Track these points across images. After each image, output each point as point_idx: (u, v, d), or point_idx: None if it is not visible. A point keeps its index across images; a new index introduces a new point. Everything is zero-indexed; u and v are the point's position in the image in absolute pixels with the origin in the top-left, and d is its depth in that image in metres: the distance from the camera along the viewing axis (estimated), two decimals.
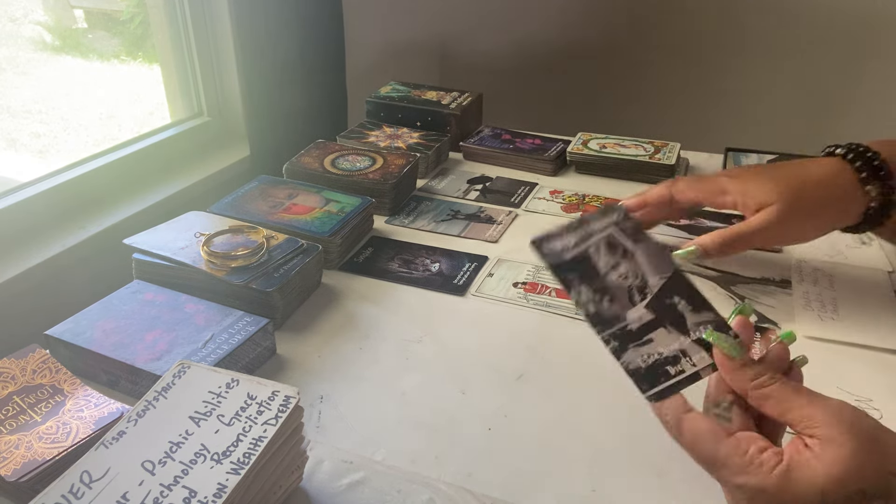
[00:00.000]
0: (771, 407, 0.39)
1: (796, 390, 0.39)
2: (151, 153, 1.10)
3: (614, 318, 0.44)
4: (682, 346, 0.42)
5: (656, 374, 0.42)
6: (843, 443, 0.35)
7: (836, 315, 0.70)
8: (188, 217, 0.80)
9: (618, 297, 0.44)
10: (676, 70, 1.52)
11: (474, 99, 1.18)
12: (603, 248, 0.47)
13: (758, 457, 0.37)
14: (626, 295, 0.45)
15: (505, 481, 0.53)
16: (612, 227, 0.49)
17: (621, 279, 0.45)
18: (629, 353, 0.42)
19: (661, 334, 0.43)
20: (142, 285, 0.70)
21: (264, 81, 1.17)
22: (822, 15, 1.37)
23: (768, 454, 0.37)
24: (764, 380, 0.40)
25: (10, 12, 1.99)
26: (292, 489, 0.51)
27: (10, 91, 1.85)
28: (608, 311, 0.44)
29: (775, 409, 0.39)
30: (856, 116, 1.41)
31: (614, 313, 0.44)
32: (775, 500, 0.36)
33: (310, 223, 0.81)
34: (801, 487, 0.35)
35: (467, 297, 0.76)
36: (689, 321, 0.43)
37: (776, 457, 0.37)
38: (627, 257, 0.47)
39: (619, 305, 0.44)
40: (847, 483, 0.35)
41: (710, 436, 0.39)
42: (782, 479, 0.36)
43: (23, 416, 0.52)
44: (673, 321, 0.43)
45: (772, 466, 0.36)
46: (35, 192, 0.93)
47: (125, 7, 1.93)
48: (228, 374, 0.49)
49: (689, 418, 0.41)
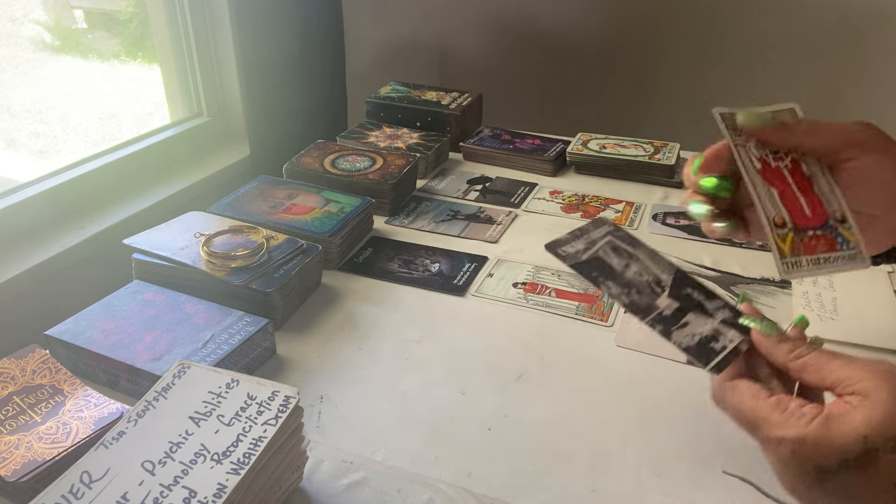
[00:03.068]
0: (810, 374, 0.41)
1: (832, 355, 0.41)
2: (151, 153, 1.10)
3: (649, 307, 0.46)
4: (714, 327, 0.45)
5: (707, 350, 0.44)
6: (882, 390, 0.37)
7: (836, 315, 0.70)
8: (188, 217, 0.80)
9: (642, 289, 0.47)
10: (676, 70, 1.52)
11: (474, 99, 1.18)
12: (610, 251, 0.50)
13: (798, 410, 0.39)
14: (648, 288, 0.47)
15: (505, 481, 0.53)
16: (608, 235, 0.52)
17: (637, 275, 0.48)
18: (675, 334, 0.45)
19: (692, 318, 0.46)
20: (141, 285, 0.70)
21: (264, 81, 1.17)
22: (824, 15, 1.37)
23: (808, 408, 0.39)
24: (800, 350, 0.42)
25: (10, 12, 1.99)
26: (292, 489, 0.51)
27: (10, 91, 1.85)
28: (641, 300, 0.46)
29: (814, 375, 0.41)
30: (858, 117, 1.41)
31: (647, 302, 0.46)
32: (817, 449, 0.37)
33: (310, 223, 0.81)
34: (842, 433, 0.36)
35: (467, 297, 0.76)
36: (709, 306, 0.47)
37: (815, 409, 0.38)
38: (634, 259, 0.50)
39: (647, 296, 0.47)
40: (889, 426, 0.36)
41: (752, 396, 0.41)
42: (822, 427, 0.37)
43: (23, 417, 0.52)
44: (696, 307, 0.46)
45: (811, 417, 0.38)
46: (35, 192, 0.93)
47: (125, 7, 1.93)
48: (228, 374, 0.49)
49: (735, 383, 0.43)
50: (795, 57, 1.42)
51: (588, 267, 0.49)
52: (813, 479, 0.37)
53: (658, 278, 0.48)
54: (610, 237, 0.52)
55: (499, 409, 0.60)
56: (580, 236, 0.52)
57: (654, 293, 0.47)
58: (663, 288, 0.48)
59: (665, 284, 0.48)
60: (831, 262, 0.46)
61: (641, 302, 0.46)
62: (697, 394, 0.62)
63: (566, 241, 0.51)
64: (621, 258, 0.50)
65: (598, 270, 0.48)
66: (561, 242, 0.51)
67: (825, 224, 0.47)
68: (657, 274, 0.49)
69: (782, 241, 0.46)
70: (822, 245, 0.47)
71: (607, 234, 0.52)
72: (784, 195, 0.48)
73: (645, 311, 0.46)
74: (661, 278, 0.48)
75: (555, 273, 0.80)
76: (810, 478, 0.37)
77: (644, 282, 0.48)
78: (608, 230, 0.52)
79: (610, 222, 0.53)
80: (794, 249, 0.46)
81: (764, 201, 0.48)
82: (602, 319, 0.72)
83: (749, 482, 0.52)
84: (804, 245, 0.47)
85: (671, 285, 0.48)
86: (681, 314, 0.46)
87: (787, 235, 0.47)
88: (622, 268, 0.49)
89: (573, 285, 0.77)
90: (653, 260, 0.50)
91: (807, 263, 0.46)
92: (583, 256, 0.50)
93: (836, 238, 0.47)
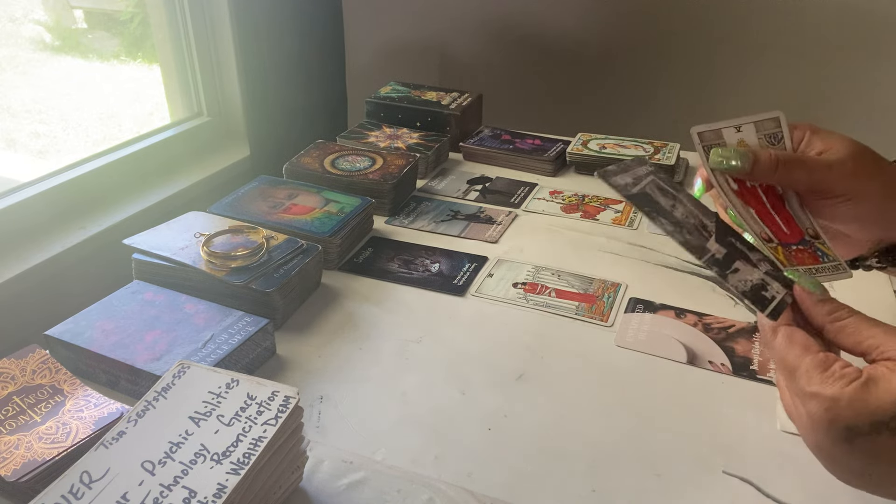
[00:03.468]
0: (846, 337, 0.41)
1: (871, 321, 0.41)
2: (151, 153, 1.10)
3: (703, 248, 0.45)
4: (762, 276, 0.44)
5: (761, 297, 0.44)
6: None
7: None
8: (188, 217, 0.80)
9: (692, 231, 0.46)
10: (676, 70, 1.52)
11: (474, 99, 1.18)
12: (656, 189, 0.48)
13: (839, 370, 0.38)
14: (696, 230, 0.46)
15: (505, 481, 0.53)
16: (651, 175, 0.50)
17: (685, 217, 0.47)
18: (730, 277, 0.44)
19: (741, 265, 0.45)
20: (141, 285, 0.70)
21: (264, 81, 1.17)
22: (824, 15, 1.37)
23: (851, 369, 0.38)
24: (840, 313, 0.42)
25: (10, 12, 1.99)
26: (292, 489, 0.51)
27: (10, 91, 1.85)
28: (694, 240, 0.45)
29: (851, 338, 0.41)
30: (858, 117, 1.41)
31: (699, 243, 0.45)
32: (851, 408, 0.37)
33: (310, 223, 0.81)
34: (879, 396, 0.36)
35: (467, 297, 0.76)
36: (752, 257, 0.45)
37: (856, 371, 0.38)
38: (679, 201, 0.48)
39: (698, 238, 0.45)
40: None
41: (800, 346, 0.41)
42: (859, 389, 0.37)
43: (22, 417, 0.52)
44: (741, 255, 0.45)
45: (852, 379, 0.38)
46: (35, 192, 0.93)
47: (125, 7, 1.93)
48: (228, 374, 0.49)
49: (791, 329, 0.42)
50: (795, 57, 1.42)
51: (641, 200, 0.47)
52: (841, 438, 0.37)
53: (703, 223, 0.47)
54: (653, 177, 0.50)
55: (499, 409, 0.60)
56: (627, 170, 0.50)
57: (702, 236, 0.46)
58: (710, 233, 0.46)
59: (710, 230, 0.46)
60: (819, 273, 0.46)
61: (694, 242, 0.45)
62: (697, 394, 0.62)
63: (615, 173, 0.49)
64: (667, 198, 0.48)
65: (649, 206, 0.47)
66: (611, 173, 0.48)
67: (802, 241, 0.47)
68: (702, 218, 0.47)
69: (776, 254, 0.46)
70: (807, 258, 0.47)
71: (650, 174, 0.50)
72: (761, 214, 0.48)
73: (700, 251, 0.45)
74: (706, 223, 0.47)
75: (555, 273, 0.80)
76: (839, 437, 0.37)
77: (692, 224, 0.46)
78: (650, 169, 0.50)
79: (649, 162, 0.52)
80: (789, 261, 0.46)
81: (747, 220, 0.47)
82: (602, 319, 0.72)
83: (749, 482, 0.52)
84: (795, 258, 0.46)
85: (716, 231, 0.46)
86: (730, 260, 0.45)
87: (778, 249, 0.47)
88: (670, 207, 0.47)
89: (573, 285, 0.77)
90: (695, 205, 0.48)
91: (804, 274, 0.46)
92: (633, 190, 0.48)
93: (815, 252, 0.47)
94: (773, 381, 0.63)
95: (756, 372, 0.64)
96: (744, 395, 0.62)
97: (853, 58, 1.38)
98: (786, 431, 0.57)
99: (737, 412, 0.59)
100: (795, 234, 0.48)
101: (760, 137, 0.48)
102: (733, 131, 0.48)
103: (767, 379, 0.63)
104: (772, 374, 0.64)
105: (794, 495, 0.51)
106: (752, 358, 0.66)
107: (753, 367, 0.65)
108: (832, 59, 1.40)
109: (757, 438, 0.57)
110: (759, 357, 0.66)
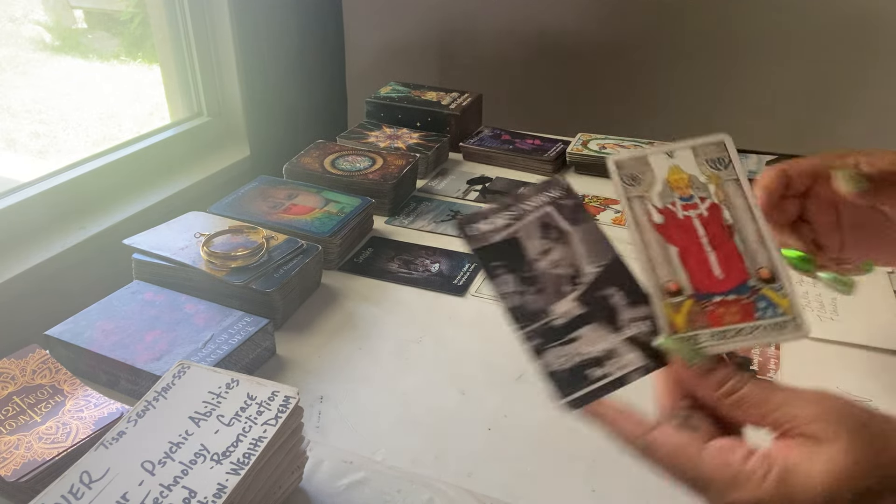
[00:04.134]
0: (747, 410, 0.35)
1: (771, 389, 0.34)
2: (151, 153, 1.10)
3: (539, 313, 0.38)
4: (611, 346, 0.37)
5: (577, 378, 0.37)
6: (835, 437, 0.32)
7: (835, 315, 0.70)
8: (188, 217, 0.80)
9: (546, 287, 0.39)
10: (676, 70, 1.52)
11: (474, 99, 1.18)
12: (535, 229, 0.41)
13: (745, 466, 0.33)
14: (556, 285, 0.39)
15: (505, 481, 0.53)
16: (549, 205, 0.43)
17: (552, 267, 0.40)
18: (550, 353, 0.38)
19: (588, 332, 0.38)
20: (141, 285, 0.70)
21: (264, 81, 1.17)
22: (824, 15, 1.37)
23: (755, 461, 0.33)
24: (733, 384, 0.35)
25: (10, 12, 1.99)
26: (292, 489, 0.51)
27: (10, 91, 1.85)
28: (533, 303, 0.39)
29: (752, 412, 0.34)
30: (857, 117, 1.41)
31: (540, 307, 0.39)
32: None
33: (310, 223, 0.81)
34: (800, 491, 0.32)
35: (467, 297, 0.76)
36: (623, 316, 0.38)
37: (764, 462, 0.33)
38: (562, 241, 0.41)
39: (546, 297, 0.39)
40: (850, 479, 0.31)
41: (688, 451, 0.34)
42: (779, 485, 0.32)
43: (23, 417, 0.52)
44: (604, 316, 0.38)
45: (763, 475, 0.32)
46: (35, 192, 0.93)
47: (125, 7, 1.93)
48: (228, 374, 0.49)
49: (660, 434, 0.35)
50: (795, 57, 1.42)
51: (493, 253, 0.41)
52: None
53: (579, 271, 0.40)
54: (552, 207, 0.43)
55: (499, 409, 0.60)
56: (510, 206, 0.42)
57: (558, 293, 0.39)
58: (576, 286, 0.39)
59: (583, 280, 0.39)
60: (745, 333, 0.37)
61: (532, 306, 0.39)
62: None
63: (486, 216, 0.42)
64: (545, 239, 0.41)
65: (502, 258, 0.40)
66: (478, 217, 0.42)
67: (741, 287, 0.38)
68: (581, 265, 0.40)
69: (675, 312, 0.37)
70: (733, 314, 0.37)
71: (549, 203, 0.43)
72: (687, 253, 0.39)
73: (529, 318, 0.38)
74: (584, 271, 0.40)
75: None
76: None
77: (555, 275, 0.40)
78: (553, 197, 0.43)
79: (563, 185, 0.44)
80: (692, 321, 0.37)
81: (655, 263, 0.39)
82: None
83: None
84: (707, 315, 0.37)
85: (591, 283, 0.39)
86: (574, 326, 0.38)
87: (683, 305, 0.37)
88: (538, 254, 0.40)
89: None
90: (588, 244, 0.41)
91: (709, 338, 0.37)
92: (494, 238, 0.41)
93: (755, 303, 0.37)
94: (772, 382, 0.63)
95: (756, 372, 0.64)
96: None
97: (854, 57, 1.38)
98: None
99: None
100: (732, 278, 0.38)
101: (702, 163, 0.41)
102: (664, 157, 0.41)
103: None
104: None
105: None
106: (751, 358, 0.66)
107: (753, 368, 0.65)
108: (833, 59, 1.40)
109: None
110: (758, 357, 0.66)
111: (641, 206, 0.40)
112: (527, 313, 0.38)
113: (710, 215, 0.40)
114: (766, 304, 0.37)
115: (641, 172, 0.41)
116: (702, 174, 0.41)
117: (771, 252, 0.38)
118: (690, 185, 0.40)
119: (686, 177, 0.41)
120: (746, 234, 0.39)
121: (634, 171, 0.41)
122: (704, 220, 0.40)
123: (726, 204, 0.40)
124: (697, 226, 0.40)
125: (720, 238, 0.39)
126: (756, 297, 0.38)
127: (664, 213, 0.40)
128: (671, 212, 0.40)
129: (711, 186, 0.40)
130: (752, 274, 0.38)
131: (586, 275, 0.39)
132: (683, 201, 0.40)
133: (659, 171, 0.41)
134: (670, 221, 0.40)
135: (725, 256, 0.39)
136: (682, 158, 0.41)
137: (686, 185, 0.40)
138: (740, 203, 0.40)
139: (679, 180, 0.41)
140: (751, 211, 0.39)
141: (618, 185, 0.41)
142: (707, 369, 0.36)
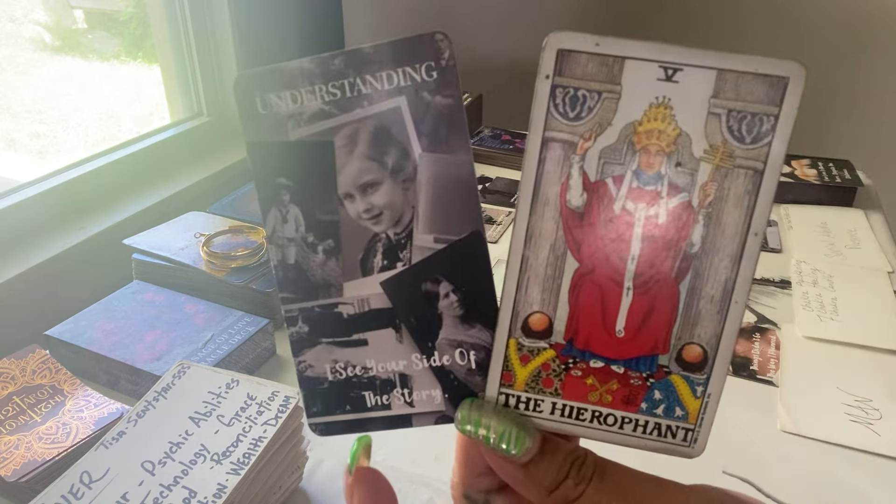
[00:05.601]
0: None
1: (618, 488, 0.23)
2: (151, 153, 1.10)
3: (322, 287, 0.25)
4: (407, 370, 0.26)
5: (344, 398, 0.27)
6: None
7: (835, 315, 0.70)
8: (188, 217, 0.80)
9: (348, 248, 0.24)
10: None
11: (474, 99, 1.18)
12: (364, 137, 0.24)
13: None
14: (364, 249, 0.24)
15: None
16: (402, 93, 0.23)
17: (368, 216, 0.24)
18: (317, 350, 0.26)
19: (382, 339, 0.25)
20: (141, 285, 0.70)
21: None
22: (822, 14, 1.37)
23: None
24: (568, 489, 0.23)
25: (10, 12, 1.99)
26: (292, 489, 0.51)
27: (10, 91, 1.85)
28: (318, 270, 0.24)
29: None
30: (856, 116, 1.41)
31: (326, 278, 0.25)
32: None
33: None
34: None
35: None
36: (445, 333, 0.25)
37: None
38: (399, 174, 0.24)
39: (340, 266, 0.24)
40: None
41: None
42: None
43: (23, 417, 0.52)
44: (416, 323, 0.25)
45: None
46: (35, 192, 0.93)
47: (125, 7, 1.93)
48: (228, 374, 0.49)
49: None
50: (794, 56, 1.42)
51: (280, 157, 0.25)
52: None
53: (407, 237, 0.24)
54: (405, 99, 0.23)
55: None
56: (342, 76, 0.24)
57: (360, 265, 0.25)
58: (395, 261, 0.25)
59: (406, 255, 0.24)
60: (608, 425, 0.25)
61: (316, 273, 0.25)
62: None
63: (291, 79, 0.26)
64: (373, 162, 0.24)
65: (291, 173, 0.24)
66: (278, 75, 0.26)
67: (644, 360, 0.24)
68: (414, 227, 0.24)
69: (521, 359, 0.24)
70: (605, 393, 0.24)
71: (405, 90, 0.23)
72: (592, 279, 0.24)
73: (303, 291, 0.25)
74: (416, 240, 0.24)
75: None
76: None
77: (367, 233, 0.24)
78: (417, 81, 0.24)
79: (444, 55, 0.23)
80: (539, 382, 0.24)
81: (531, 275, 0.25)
82: None
83: (749, 482, 0.52)
84: (565, 381, 0.24)
85: (419, 263, 0.24)
86: (370, 322, 0.25)
87: (540, 354, 0.24)
88: (352, 187, 0.24)
89: None
90: (443, 193, 0.24)
91: (551, 411, 0.25)
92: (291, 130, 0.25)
93: (649, 391, 0.24)
94: (772, 382, 0.63)
95: (756, 372, 0.64)
96: (744, 396, 0.62)
97: (853, 57, 1.38)
98: (786, 431, 0.57)
99: (737, 412, 0.59)
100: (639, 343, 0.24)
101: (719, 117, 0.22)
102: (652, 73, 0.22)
103: (767, 379, 0.63)
104: (771, 374, 0.64)
105: (794, 495, 0.51)
106: (751, 358, 0.66)
107: (753, 368, 0.65)
108: (831, 59, 1.40)
109: (757, 438, 0.57)
110: (758, 357, 0.66)
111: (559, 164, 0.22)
112: (302, 285, 0.25)
113: (670, 224, 0.22)
114: (662, 398, 0.24)
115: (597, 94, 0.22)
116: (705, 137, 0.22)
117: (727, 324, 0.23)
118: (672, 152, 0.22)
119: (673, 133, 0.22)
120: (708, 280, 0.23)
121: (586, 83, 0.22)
122: (653, 230, 0.23)
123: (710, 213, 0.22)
124: (636, 236, 0.23)
125: (660, 273, 0.23)
126: (656, 382, 0.24)
127: (593, 190, 0.23)
128: (606, 193, 0.22)
129: (707, 167, 0.22)
130: (672, 346, 0.23)
131: (416, 248, 0.24)
132: (641, 181, 0.22)
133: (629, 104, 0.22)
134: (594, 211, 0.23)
135: (649, 306, 0.23)
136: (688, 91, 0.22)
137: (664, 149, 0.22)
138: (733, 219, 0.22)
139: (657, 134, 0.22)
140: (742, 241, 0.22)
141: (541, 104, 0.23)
142: (533, 458, 0.23)
